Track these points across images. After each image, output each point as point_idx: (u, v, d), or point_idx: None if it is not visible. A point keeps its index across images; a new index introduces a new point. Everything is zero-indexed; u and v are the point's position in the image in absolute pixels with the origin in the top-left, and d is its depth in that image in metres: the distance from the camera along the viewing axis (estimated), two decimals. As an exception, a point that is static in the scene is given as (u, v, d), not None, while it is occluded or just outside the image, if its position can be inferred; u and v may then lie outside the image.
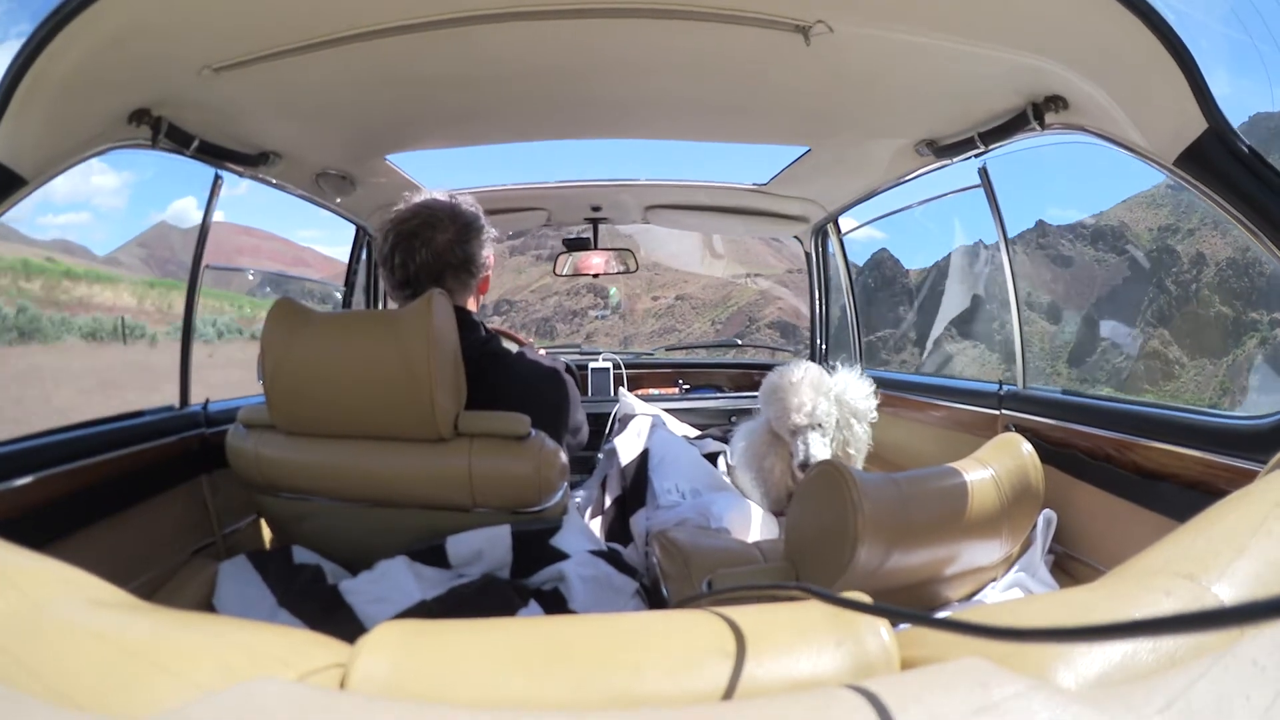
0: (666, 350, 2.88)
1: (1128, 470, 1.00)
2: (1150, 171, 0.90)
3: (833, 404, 1.35)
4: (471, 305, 1.13)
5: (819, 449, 1.31)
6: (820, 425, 1.33)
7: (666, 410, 1.98)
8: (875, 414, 1.42)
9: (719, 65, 1.08)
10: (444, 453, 0.91)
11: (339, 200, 1.68)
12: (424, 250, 1.05)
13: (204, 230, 1.34)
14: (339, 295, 2.05)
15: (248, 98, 1.07)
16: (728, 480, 1.61)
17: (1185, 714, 0.24)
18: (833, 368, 1.44)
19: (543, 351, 1.22)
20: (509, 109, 1.29)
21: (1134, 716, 0.24)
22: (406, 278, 1.07)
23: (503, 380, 1.04)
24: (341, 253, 2.04)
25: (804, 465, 1.30)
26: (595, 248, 2.24)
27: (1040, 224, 19.47)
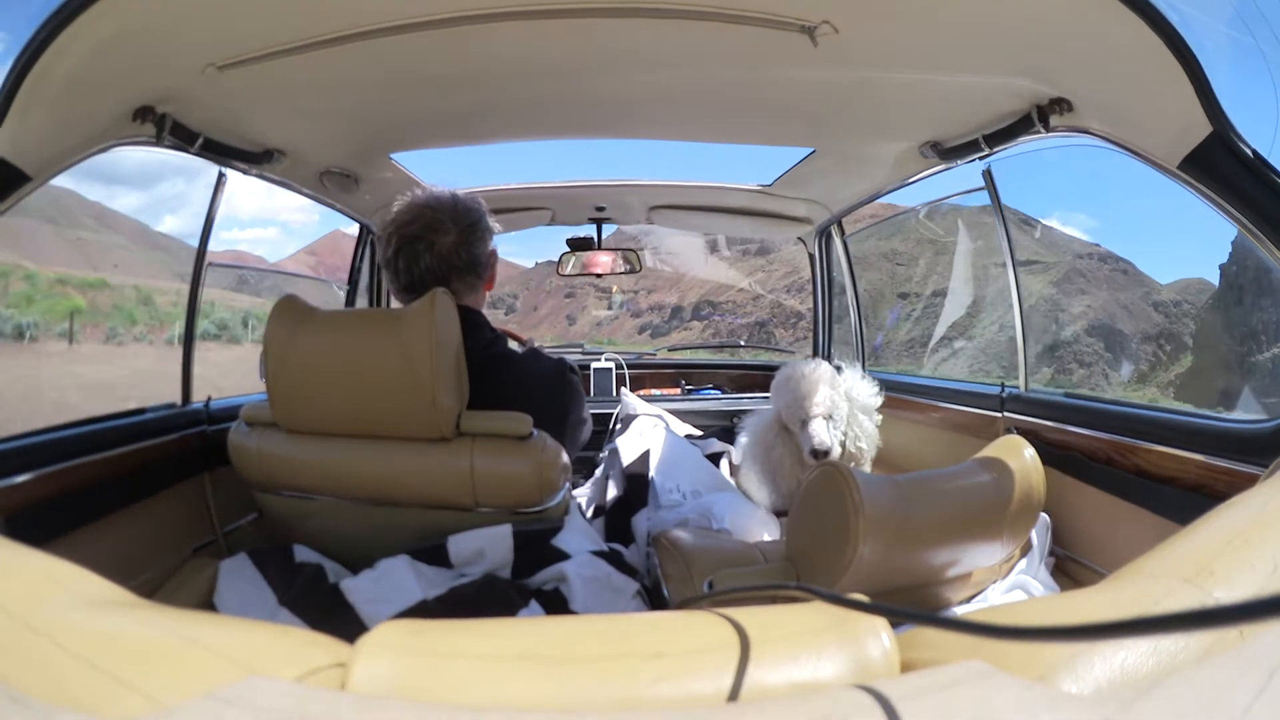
0: (669, 350, 2.88)
1: (1129, 473, 0.99)
2: None
3: (842, 398, 1.37)
4: (478, 303, 1.12)
5: (829, 436, 1.32)
6: (831, 417, 1.34)
7: (668, 411, 1.98)
8: (879, 416, 1.42)
9: (724, 65, 1.08)
10: (446, 452, 0.91)
11: (344, 199, 1.68)
12: (428, 255, 1.04)
13: (207, 227, 1.35)
14: (341, 293, 2.05)
15: (252, 96, 1.07)
16: (730, 481, 1.61)
17: (1188, 718, 0.24)
18: (838, 367, 1.45)
19: (546, 350, 1.23)
20: (514, 108, 1.29)
21: None
22: (411, 282, 1.06)
23: (508, 380, 1.04)
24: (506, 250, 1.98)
25: (814, 453, 1.31)
26: (599, 247, 2.25)
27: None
